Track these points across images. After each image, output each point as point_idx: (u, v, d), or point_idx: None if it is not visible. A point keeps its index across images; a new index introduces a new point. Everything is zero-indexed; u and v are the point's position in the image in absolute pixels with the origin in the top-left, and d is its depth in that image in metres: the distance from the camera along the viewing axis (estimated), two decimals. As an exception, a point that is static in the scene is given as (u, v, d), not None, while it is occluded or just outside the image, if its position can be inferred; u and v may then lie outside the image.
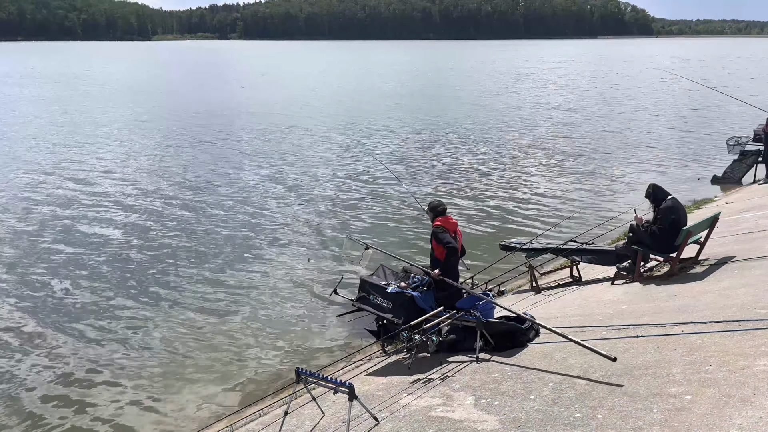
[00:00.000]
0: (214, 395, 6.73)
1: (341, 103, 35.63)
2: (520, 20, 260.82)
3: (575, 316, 6.72)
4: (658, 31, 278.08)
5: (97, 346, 7.81)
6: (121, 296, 9.35)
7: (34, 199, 14.78)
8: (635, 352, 5.17)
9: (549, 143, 22.28)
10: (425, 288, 6.84)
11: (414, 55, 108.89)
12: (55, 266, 10.56)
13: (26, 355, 7.61)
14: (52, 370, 7.27)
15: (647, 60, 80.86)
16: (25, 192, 15.41)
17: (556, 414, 4.35)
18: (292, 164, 18.79)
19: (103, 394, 6.78)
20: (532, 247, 8.77)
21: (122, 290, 9.57)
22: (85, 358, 7.54)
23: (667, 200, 7.51)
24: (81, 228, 12.63)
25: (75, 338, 8.03)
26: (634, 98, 36.97)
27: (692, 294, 6.55)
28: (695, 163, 18.58)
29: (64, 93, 41.74)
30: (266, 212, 13.76)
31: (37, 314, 8.72)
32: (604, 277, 8.20)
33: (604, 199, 14.71)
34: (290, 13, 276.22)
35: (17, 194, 15.20)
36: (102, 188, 15.88)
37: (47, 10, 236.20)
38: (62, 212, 13.70)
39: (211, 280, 9.91)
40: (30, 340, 7.98)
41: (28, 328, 8.30)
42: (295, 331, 8.18)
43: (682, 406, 4.03)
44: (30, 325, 8.38)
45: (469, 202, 14.55)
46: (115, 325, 8.40)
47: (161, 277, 10.13)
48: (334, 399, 5.35)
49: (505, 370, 5.39)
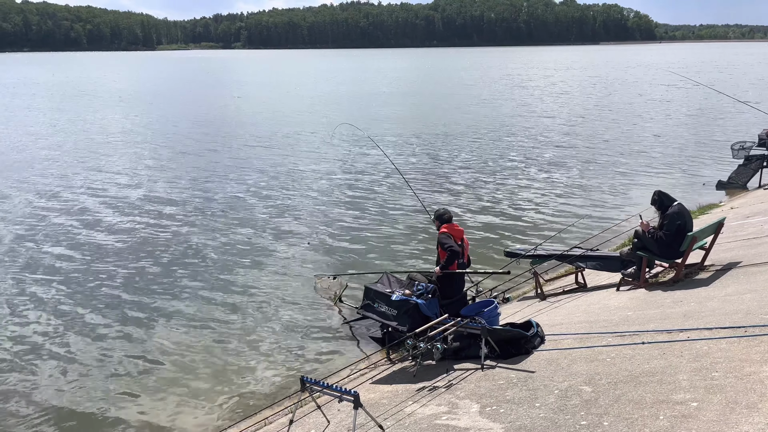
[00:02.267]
0: (218, 404, 6.72)
1: (342, 109, 35.75)
2: (523, 27, 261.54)
3: (580, 323, 6.70)
4: (661, 37, 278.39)
5: (99, 355, 7.82)
6: (124, 305, 9.35)
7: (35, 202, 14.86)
8: (641, 358, 5.15)
9: (552, 149, 22.28)
10: (430, 295, 6.84)
11: (418, 61, 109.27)
12: (55, 275, 10.59)
13: (29, 365, 7.62)
14: (52, 380, 7.27)
15: (651, 65, 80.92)
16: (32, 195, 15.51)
17: (562, 421, 4.34)
18: (295, 172, 18.83)
19: (105, 404, 6.77)
20: (537, 253, 8.76)
21: (124, 299, 9.58)
22: (87, 366, 7.54)
23: (673, 206, 7.50)
24: (85, 235, 12.67)
25: (77, 345, 8.04)
26: (636, 104, 36.96)
27: (698, 300, 6.53)
28: (700, 168, 18.55)
29: (76, 102, 42.04)
30: (269, 220, 13.78)
31: (39, 323, 8.74)
32: (609, 284, 8.18)
33: (608, 206, 14.69)
34: (293, 22, 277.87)
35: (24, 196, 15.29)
36: (107, 195, 15.95)
37: (52, 21, 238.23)
38: (64, 218, 13.75)
39: (215, 289, 9.92)
40: (32, 351, 7.99)
41: (29, 340, 8.31)
42: (300, 339, 8.17)
43: (689, 413, 4.01)
44: (31, 336, 8.40)
45: (474, 208, 14.54)
46: (118, 333, 8.41)
47: (164, 285, 10.14)
48: (339, 407, 5.34)
49: (510, 378, 5.37)
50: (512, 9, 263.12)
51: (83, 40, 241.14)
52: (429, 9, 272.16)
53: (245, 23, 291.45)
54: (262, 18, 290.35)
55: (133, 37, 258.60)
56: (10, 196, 16.07)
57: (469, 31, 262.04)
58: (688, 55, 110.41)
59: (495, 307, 6.73)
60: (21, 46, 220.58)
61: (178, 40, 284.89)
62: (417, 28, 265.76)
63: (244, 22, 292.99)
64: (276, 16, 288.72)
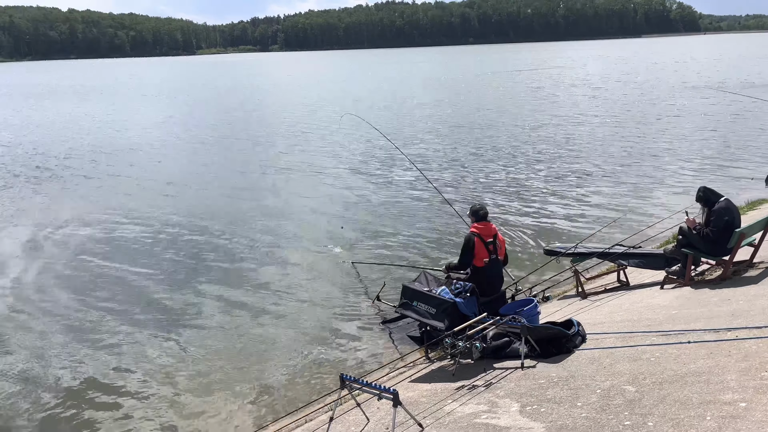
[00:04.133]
0: (259, 401, 6.83)
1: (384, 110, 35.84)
2: (561, 21, 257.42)
3: (623, 322, 6.57)
4: (706, 28, 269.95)
5: (140, 352, 8.02)
6: (163, 302, 9.58)
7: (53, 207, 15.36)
8: (687, 358, 5.02)
9: (593, 145, 21.87)
10: (468, 294, 6.81)
11: (452, 59, 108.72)
12: (87, 276, 10.92)
13: (61, 363, 7.89)
14: (98, 370, 7.51)
15: (696, 57, 78.66)
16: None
17: (605, 421, 4.27)
18: (331, 169, 18.99)
19: (145, 401, 6.93)
20: (578, 251, 8.61)
21: (164, 295, 9.81)
22: (126, 363, 7.75)
23: (720, 201, 7.27)
24: (117, 237, 13.05)
25: (115, 341, 8.27)
26: (680, 97, 35.98)
27: (747, 298, 6.33)
28: (747, 164, 17.94)
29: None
30: (306, 219, 13.93)
31: (70, 320, 9.02)
32: (652, 282, 7.99)
33: (651, 202, 14.34)
34: (329, 24, 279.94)
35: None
36: (133, 196, 16.39)
37: (97, 29, 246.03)
38: (87, 223, 14.17)
39: (254, 287, 10.08)
40: (71, 354, 8.26)
41: (60, 339, 8.55)
42: (338, 337, 8.24)
43: (737, 414, 3.90)
44: (62, 334, 8.68)
45: (513, 205, 14.40)
46: (156, 331, 8.59)
47: (201, 282, 10.34)
48: (378, 405, 5.37)
49: (551, 377, 5.31)
50: (549, 3, 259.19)
51: (126, 47, 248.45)
52: (464, 6, 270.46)
53: (282, 26, 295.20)
54: (298, 20, 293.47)
55: (173, 42, 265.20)
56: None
57: (506, 27, 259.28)
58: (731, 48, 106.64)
59: (535, 305, 6.66)
60: (68, 53, 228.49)
61: (216, 44, 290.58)
62: (453, 26, 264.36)
63: (281, 24, 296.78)
64: (312, 18, 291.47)
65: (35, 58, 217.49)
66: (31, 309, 9.54)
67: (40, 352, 8.13)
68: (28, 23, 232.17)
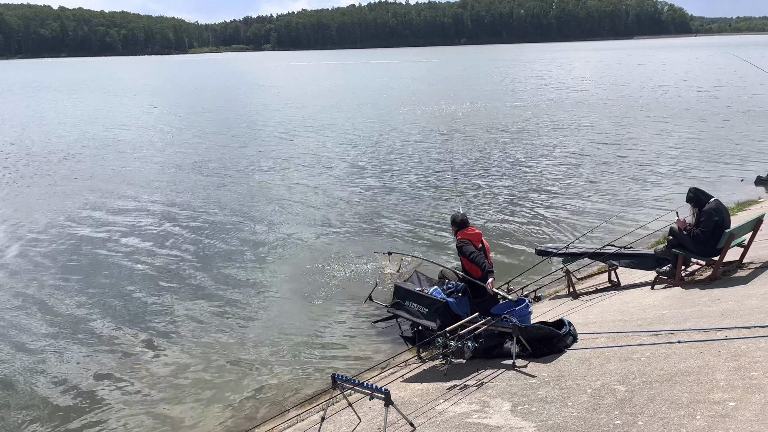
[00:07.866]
0: (250, 401, 6.82)
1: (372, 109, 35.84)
2: (553, 22, 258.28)
3: (614, 322, 6.60)
4: (697, 30, 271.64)
5: (132, 353, 7.99)
6: (155, 303, 9.55)
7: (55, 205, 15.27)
8: (677, 358, 5.05)
9: (584, 146, 21.97)
10: (460, 294, 6.81)
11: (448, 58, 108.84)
12: (81, 278, 10.87)
13: (55, 366, 7.84)
14: (89, 373, 7.47)
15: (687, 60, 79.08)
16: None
17: (596, 421, 4.29)
18: (321, 168, 18.97)
19: (139, 402, 6.92)
20: (569, 251, 8.65)
21: (155, 296, 9.78)
22: (120, 365, 7.72)
23: (710, 202, 7.31)
24: (112, 239, 12.98)
25: (100, 345, 8.24)
26: (672, 98, 36.18)
27: (736, 298, 6.37)
28: (737, 165, 18.07)
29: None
30: (298, 218, 13.91)
31: (65, 324, 8.98)
32: (643, 282, 8.03)
33: (642, 203, 14.42)
34: (322, 23, 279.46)
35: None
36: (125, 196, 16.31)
37: (88, 26, 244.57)
38: (81, 225, 14.10)
39: (247, 287, 10.06)
40: (60, 354, 8.22)
41: (55, 343, 8.54)
42: (330, 337, 8.23)
43: (727, 413, 3.92)
44: (59, 338, 8.63)
45: (505, 206, 14.44)
46: (149, 332, 8.58)
47: (194, 283, 10.32)
48: (370, 405, 5.37)
49: (542, 376, 5.33)
50: (542, 5, 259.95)
51: (118, 45, 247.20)
52: (457, 7, 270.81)
53: (274, 25, 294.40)
54: (291, 19, 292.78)
55: (165, 41, 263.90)
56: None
57: (498, 28, 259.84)
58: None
59: (526, 305, 6.67)
60: (59, 51, 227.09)
61: (209, 43, 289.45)
62: (445, 27, 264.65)
63: (274, 23, 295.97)
64: (305, 18, 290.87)
65: (26, 56, 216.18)
66: (10, 311, 9.48)
67: (21, 355, 8.08)
68: (18, 21, 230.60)
